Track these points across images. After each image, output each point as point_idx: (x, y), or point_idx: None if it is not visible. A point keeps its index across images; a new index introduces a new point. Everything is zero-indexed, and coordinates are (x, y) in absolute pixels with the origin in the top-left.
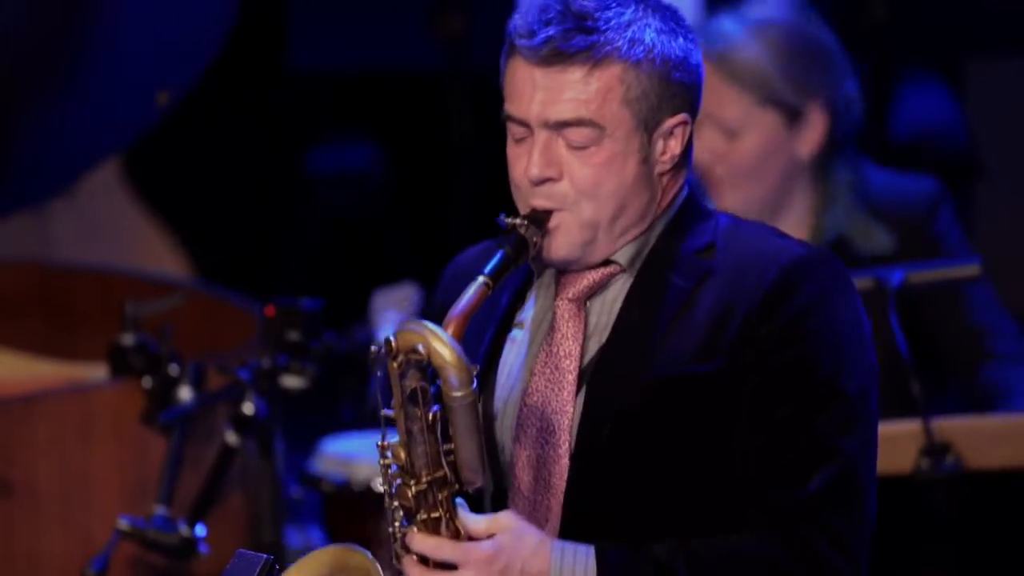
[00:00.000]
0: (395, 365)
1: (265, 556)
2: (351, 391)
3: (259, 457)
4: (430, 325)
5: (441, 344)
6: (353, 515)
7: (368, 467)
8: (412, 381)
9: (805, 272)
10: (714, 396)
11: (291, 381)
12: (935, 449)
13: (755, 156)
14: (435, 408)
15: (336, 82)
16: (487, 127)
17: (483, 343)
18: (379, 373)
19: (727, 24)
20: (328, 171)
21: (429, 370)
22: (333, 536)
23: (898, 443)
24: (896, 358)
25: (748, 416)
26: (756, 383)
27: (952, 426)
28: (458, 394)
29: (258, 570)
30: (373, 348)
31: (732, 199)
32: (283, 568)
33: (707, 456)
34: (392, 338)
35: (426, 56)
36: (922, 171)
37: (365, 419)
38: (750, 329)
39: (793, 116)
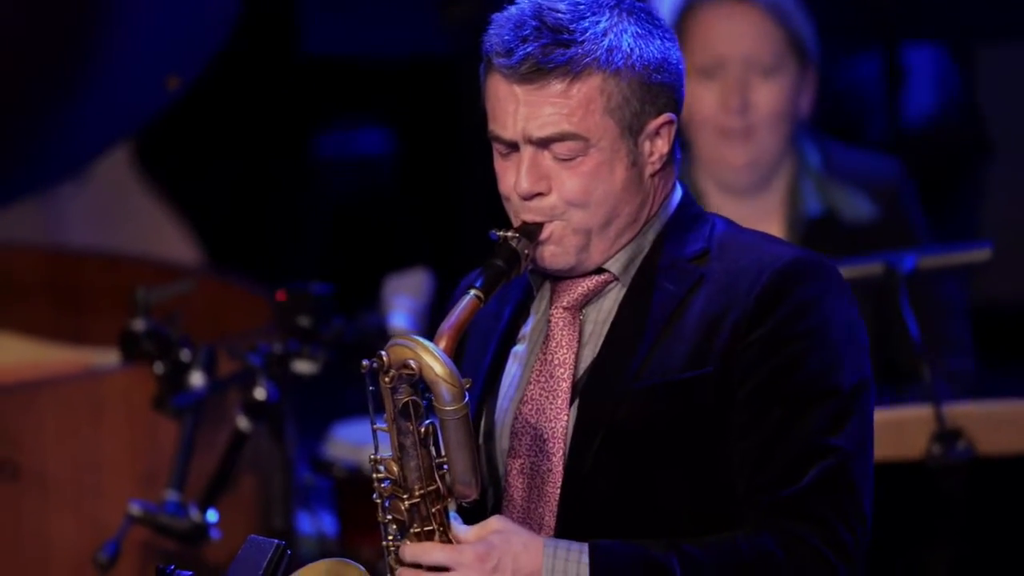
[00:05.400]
0: (387, 380)
1: (276, 541)
2: (361, 376)
3: (270, 442)
4: (421, 340)
5: (432, 358)
6: (364, 500)
7: None
8: (404, 395)
9: (798, 276)
10: (706, 402)
11: (302, 366)
12: (946, 435)
13: (784, 100)
14: (427, 422)
15: (346, 67)
16: None
17: (486, 358)
18: (371, 388)
19: None
20: (338, 156)
21: (420, 384)
22: (344, 521)
23: (909, 429)
24: (907, 343)
25: (742, 419)
26: (750, 386)
27: (963, 412)
28: (450, 408)
29: (269, 555)
30: (364, 363)
31: (750, 150)
32: (294, 553)
33: (700, 462)
34: (383, 353)
35: (437, 41)
36: (931, 151)
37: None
38: (743, 334)
39: (804, 68)
